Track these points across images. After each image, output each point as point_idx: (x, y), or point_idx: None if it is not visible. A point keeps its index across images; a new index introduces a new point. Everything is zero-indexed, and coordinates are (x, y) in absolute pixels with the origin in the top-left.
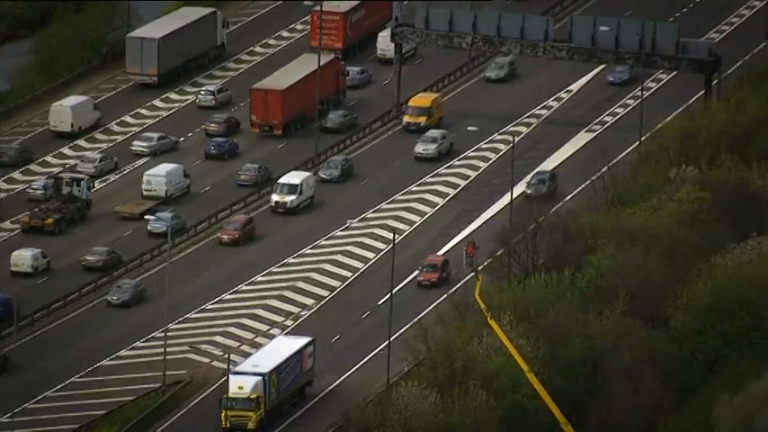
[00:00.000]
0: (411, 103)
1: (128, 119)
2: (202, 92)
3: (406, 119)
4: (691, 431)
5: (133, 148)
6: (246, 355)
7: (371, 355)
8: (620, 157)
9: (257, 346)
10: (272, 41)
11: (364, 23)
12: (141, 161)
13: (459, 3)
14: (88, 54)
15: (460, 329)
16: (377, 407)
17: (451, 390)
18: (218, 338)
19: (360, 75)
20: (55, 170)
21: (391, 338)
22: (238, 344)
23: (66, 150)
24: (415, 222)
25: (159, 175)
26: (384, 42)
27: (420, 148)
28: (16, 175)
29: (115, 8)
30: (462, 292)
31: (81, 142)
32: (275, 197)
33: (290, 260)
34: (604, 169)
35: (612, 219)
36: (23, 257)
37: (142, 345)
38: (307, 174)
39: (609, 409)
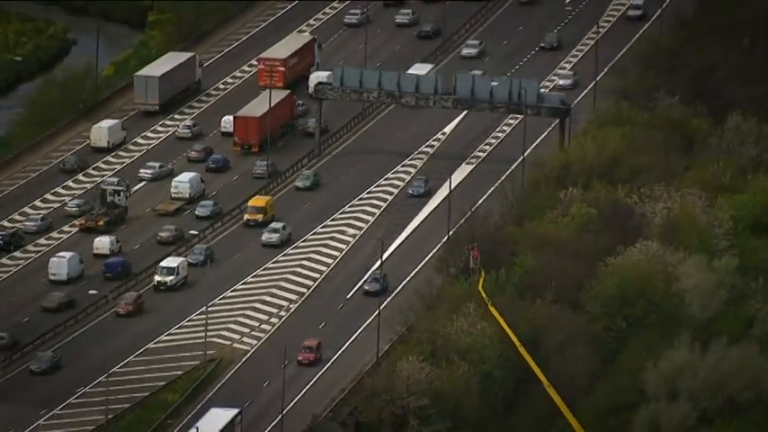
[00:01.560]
0: (250, 203)
1: (139, 140)
2: (180, 126)
3: (246, 216)
4: (623, 392)
5: (140, 174)
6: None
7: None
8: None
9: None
10: (229, 80)
11: (298, 67)
12: (143, 183)
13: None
14: (68, 109)
15: (434, 316)
16: (385, 375)
17: (435, 362)
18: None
19: (301, 107)
20: (97, 180)
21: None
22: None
23: (101, 164)
24: (279, 303)
25: (184, 182)
26: (313, 82)
27: (265, 237)
28: (70, 183)
29: (86, 73)
30: (426, 290)
31: (110, 158)
32: (157, 278)
33: (173, 330)
34: (502, 180)
35: (526, 230)
36: (104, 242)
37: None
38: (181, 259)
39: (553, 375)
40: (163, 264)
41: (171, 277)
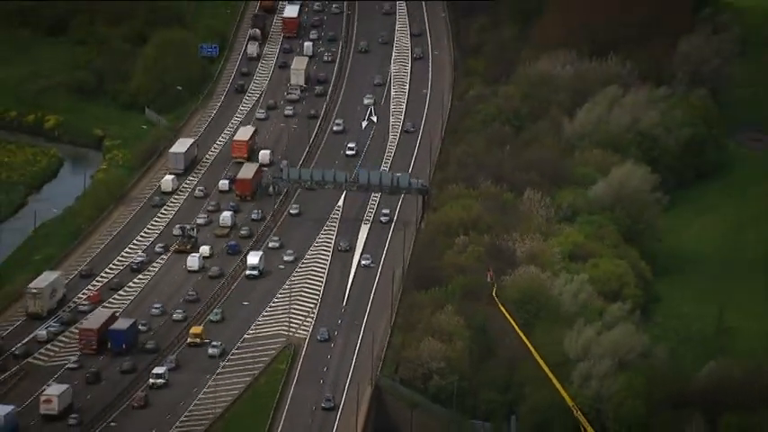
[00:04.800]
0: (190, 332)
1: (180, 190)
2: (197, 190)
3: (189, 340)
4: (552, 356)
5: (197, 220)
6: None
7: None
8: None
9: None
10: (209, 153)
11: (253, 145)
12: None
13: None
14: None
15: (424, 313)
16: (414, 348)
17: (440, 340)
18: None
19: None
20: (167, 216)
21: None
22: None
23: (164, 209)
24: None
25: (227, 216)
26: (262, 156)
27: (210, 351)
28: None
29: (109, 177)
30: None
31: (169, 202)
32: (152, 380)
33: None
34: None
35: (446, 261)
36: (205, 249)
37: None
38: (165, 367)
39: (505, 346)
40: (154, 371)
41: (161, 380)
